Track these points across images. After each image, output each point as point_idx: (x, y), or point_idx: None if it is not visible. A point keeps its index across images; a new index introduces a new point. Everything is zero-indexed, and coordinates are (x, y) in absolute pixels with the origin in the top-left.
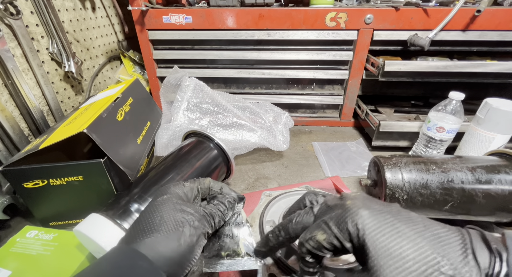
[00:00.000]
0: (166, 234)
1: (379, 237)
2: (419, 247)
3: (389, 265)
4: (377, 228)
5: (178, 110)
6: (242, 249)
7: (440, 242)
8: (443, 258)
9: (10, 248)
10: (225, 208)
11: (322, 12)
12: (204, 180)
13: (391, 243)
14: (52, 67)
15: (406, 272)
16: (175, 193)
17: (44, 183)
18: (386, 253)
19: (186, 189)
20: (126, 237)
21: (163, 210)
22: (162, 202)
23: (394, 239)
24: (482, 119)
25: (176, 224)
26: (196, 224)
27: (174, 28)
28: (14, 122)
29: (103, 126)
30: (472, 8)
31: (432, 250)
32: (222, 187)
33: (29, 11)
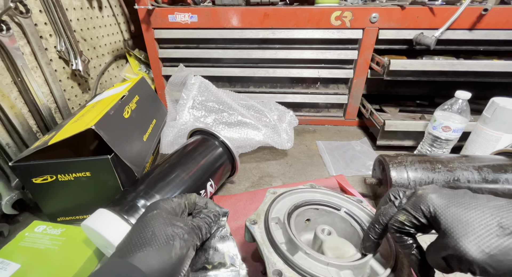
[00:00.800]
0: (158, 248)
1: (447, 209)
2: (484, 214)
3: (458, 228)
4: (444, 204)
5: (184, 108)
6: (227, 261)
7: (500, 208)
8: (502, 218)
9: (19, 242)
10: (211, 220)
11: (327, 11)
12: (191, 196)
13: (457, 212)
14: (59, 65)
15: (481, 237)
16: (165, 208)
17: (53, 178)
18: (454, 220)
19: (175, 204)
20: (119, 252)
21: (154, 224)
22: (153, 217)
23: (460, 210)
24: (489, 118)
25: (167, 237)
26: (186, 237)
27: (180, 27)
28: (23, 119)
29: (110, 123)
30: (479, 7)
31: (497, 215)
32: (207, 202)
33: (38, 10)
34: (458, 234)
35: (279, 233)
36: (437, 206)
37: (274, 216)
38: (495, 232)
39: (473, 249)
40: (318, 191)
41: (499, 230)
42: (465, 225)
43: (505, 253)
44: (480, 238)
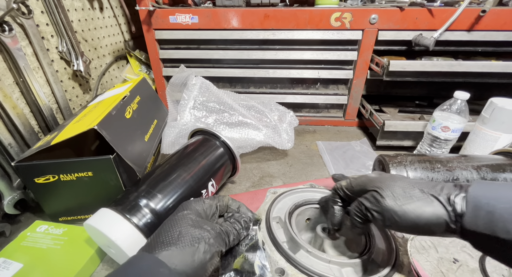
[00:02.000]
0: (182, 249)
1: (382, 180)
2: (406, 183)
3: (386, 191)
4: (380, 177)
5: (185, 109)
6: (256, 270)
7: (422, 182)
8: (422, 186)
9: (21, 242)
10: (240, 227)
11: (327, 12)
12: (223, 198)
13: (388, 182)
14: (61, 66)
15: (397, 193)
16: (195, 209)
17: (55, 178)
18: (385, 186)
19: (206, 206)
20: (146, 247)
21: (182, 225)
22: (182, 217)
23: (391, 180)
24: (487, 118)
25: (192, 239)
26: (211, 241)
27: (181, 28)
28: (25, 119)
29: (112, 124)
30: (477, 8)
31: (416, 184)
32: (240, 206)
33: (39, 11)
34: (381, 189)
35: (281, 232)
36: (373, 177)
37: (275, 215)
38: (409, 192)
39: (388, 200)
40: (318, 190)
41: (413, 191)
42: (389, 186)
43: (411, 207)
44: (397, 194)
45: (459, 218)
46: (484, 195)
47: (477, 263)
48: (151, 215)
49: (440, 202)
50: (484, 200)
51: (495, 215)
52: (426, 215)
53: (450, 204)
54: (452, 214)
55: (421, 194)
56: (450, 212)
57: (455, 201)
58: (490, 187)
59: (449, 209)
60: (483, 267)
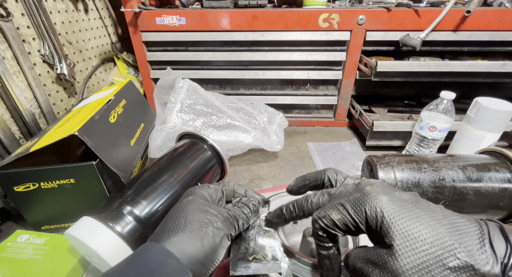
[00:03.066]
0: (191, 234)
1: (397, 220)
2: (436, 232)
3: (406, 245)
4: (395, 212)
5: (172, 112)
6: (268, 253)
7: (457, 230)
8: (459, 245)
9: (1, 252)
10: (249, 211)
11: (315, 13)
12: (229, 183)
13: (409, 226)
14: (44, 70)
15: (423, 253)
16: (200, 194)
17: (35, 186)
18: (404, 235)
19: (211, 191)
20: (154, 235)
21: (188, 211)
22: (188, 203)
23: (413, 223)
24: (473, 118)
25: (200, 224)
26: (219, 225)
27: (168, 30)
28: (4, 125)
29: (95, 129)
30: (462, 9)
31: (449, 237)
32: (247, 190)
33: (19, 13)
34: (402, 254)
35: None
36: (386, 213)
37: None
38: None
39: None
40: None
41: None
42: (416, 247)
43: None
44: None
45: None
46: None
47: None
48: (135, 223)
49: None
50: None
51: None
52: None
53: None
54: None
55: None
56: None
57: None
58: None
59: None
60: None
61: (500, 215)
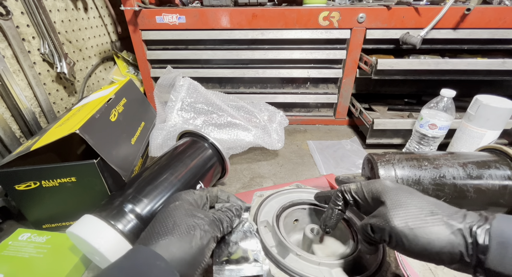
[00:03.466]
0: (179, 237)
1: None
2: (423, 202)
3: (395, 203)
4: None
5: (172, 110)
6: (250, 256)
7: (441, 204)
8: (439, 210)
9: (2, 251)
10: (232, 214)
11: (315, 11)
12: (212, 189)
13: (403, 198)
14: (44, 68)
15: (410, 214)
16: (186, 199)
17: (36, 184)
18: (398, 203)
19: (196, 196)
20: (142, 239)
21: (176, 215)
22: (175, 207)
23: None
24: (473, 115)
25: (188, 227)
26: (206, 227)
27: (168, 28)
28: (5, 124)
29: (96, 127)
30: (462, 7)
31: (433, 206)
32: (229, 196)
33: (19, 12)
34: (392, 206)
35: (269, 236)
36: (387, 188)
37: (262, 220)
38: (425, 214)
39: (398, 220)
40: (305, 190)
41: (429, 214)
42: (402, 204)
43: (423, 232)
44: (410, 215)
45: (481, 253)
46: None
47: None
48: (137, 221)
49: (460, 230)
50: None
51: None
52: (439, 243)
53: (472, 235)
54: (470, 246)
55: (439, 218)
56: (469, 244)
57: (477, 233)
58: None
59: (469, 240)
60: None
61: (500, 212)
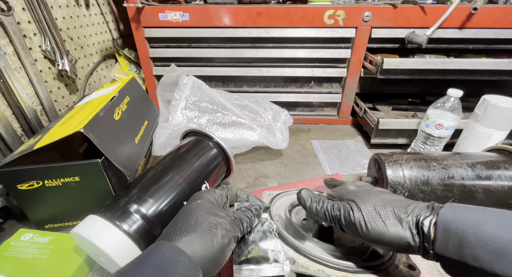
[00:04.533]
0: (201, 234)
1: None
2: (378, 199)
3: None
4: (355, 191)
5: (176, 109)
6: (270, 256)
7: (396, 200)
8: (392, 205)
9: (4, 252)
10: (252, 214)
11: (320, 10)
12: (232, 188)
13: (363, 196)
14: (45, 66)
15: (366, 209)
16: (207, 198)
17: (39, 184)
18: (359, 200)
19: (217, 196)
20: (165, 235)
21: (198, 213)
22: (197, 206)
23: (365, 194)
24: (480, 116)
25: (210, 226)
26: (228, 227)
27: (171, 26)
28: (6, 122)
29: (100, 126)
30: (468, 6)
31: (388, 201)
32: (249, 195)
33: (20, 8)
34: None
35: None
36: (350, 190)
37: (275, 213)
38: (382, 212)
39: (358, 213)
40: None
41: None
42: (363, 201)
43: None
44: (369, 212)
45: (427, 242)
46: (455, 219)
47: None
48: (142, 221)
49: (408, 223)
50: (453, 223)
51: (464, 240)
52: (388, 235)
53: (419, 226)
54: (416, 237)
55: (390, 214)
56: (415, 235)
57: (424, 223)
58: (461, 210)
59: (414, 231)
60: None
61: None
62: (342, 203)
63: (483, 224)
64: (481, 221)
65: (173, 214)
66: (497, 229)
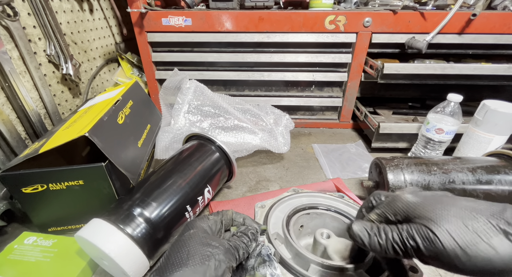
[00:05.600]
0: (193, 268)
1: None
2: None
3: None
4: (419, 201)
5: (179, 113)
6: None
7: (478, 206)
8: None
9: (8, 255)
10: (248, 239)
11: (321, 15)
12: (227, 212)
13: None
14: (49, 70)
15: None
16: (201, 227)
17: (44, 187)
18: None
19: (211, 222)
20: (158, 270)
21: (190, 244)
22: (189, 236)
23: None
24: (481, 120)
25: (202, 258)
26: (221, 257)
27: (174, 30)
28: (11, 125)
29: (104, 130)
30: (467, 12)
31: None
32: (244, 218)
33: (26, 13)
34: (432, 222)
35: (282, 248)
36: (411, 203)
37: (273, 232)
38: (478, 228)
39: (448, 239)
40: (303, 194)
41: (484, 225)
42: (441, 217)
43: (478, 249)
44: (461, 232)
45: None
46: None
47: None
48: (146, 225)
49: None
50: None
51: None
52: (500, 259)
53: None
54: None
55: (489, 229)
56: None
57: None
58: None
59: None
60: None
61: None
62: (411, 226)
63: None
64: None
65: (176, 218)
66: None
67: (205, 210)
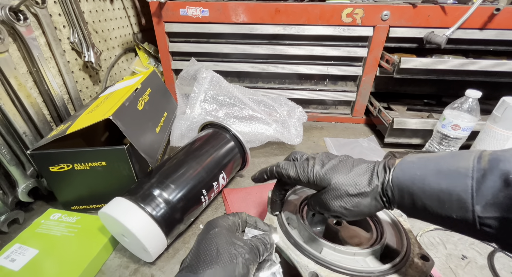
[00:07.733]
0: (224, 266)
1: (328, 178)
2: (348, 179)
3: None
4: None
5: (195, 102)
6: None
7: (358, 175)
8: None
9: (36, 229)
10: (267, 242)
11: (338, 8)
12: (241, 214)
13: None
14: (72, 57)
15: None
16: (224, 226)
17: (69, 167)
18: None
19: (230, 222)
20: (189, 267)
21: (218, 243)
22: (215, 234)
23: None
24: (499, 117)
25: (230, 256)
26: (247, 256)
27: (191, 21)
28: (38, 108)
29: (126, 115)
30: (490, 7)
31: (351, 179)
32: (256, 221)
33: (52, 1)
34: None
35: (296, 233)
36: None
37: (286, 217)
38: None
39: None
40: None
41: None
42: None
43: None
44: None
45: (391, 202)
46: (404, 178)
47: (486, 260)
48: (165, 205)
49: (375, 194)
50: (404, 183)
51: (414, 195)
52: (368, 210)
53: (384, 194)
54: (387, 205)
55: (363, 192)
56: (385, 203)
57: (387, 189)
58: (408, 166)
59: (385, 199)
60: (491, 264)
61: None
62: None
63: (424, 177)
64: (424, 175)
65: (193, 201)
66: (436, 178)
67: (219, 196)
